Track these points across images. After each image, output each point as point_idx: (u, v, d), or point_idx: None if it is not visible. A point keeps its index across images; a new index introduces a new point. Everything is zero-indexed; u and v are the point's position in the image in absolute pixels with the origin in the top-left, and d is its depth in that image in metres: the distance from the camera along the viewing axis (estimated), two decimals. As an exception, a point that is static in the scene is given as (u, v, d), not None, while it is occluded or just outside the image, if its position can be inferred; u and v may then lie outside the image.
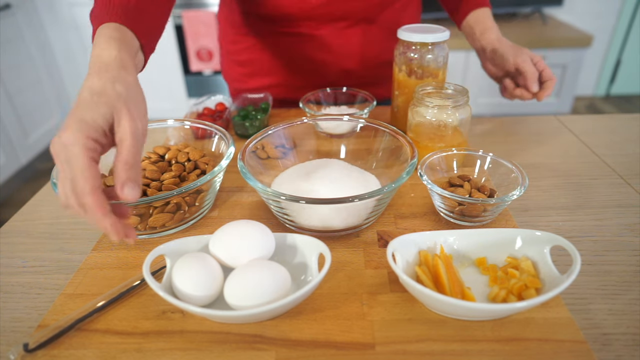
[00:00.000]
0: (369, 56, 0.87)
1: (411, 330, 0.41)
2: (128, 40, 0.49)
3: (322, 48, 0.85)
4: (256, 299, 0.40)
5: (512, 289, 0.43)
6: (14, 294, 0.48)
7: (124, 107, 0.41)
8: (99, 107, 0.40)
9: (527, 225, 0.56)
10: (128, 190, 0.39)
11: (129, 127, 0.40)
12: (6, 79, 2.21)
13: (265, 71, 0.92)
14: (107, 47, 0.46)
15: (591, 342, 0.40)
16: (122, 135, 0.40)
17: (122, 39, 0.48)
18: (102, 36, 0.47)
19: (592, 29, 2.62)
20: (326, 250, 0.44)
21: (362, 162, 0.64)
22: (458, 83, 0.65)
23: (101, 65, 0.44)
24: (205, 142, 0.65)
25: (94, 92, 0.41)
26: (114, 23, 0.49)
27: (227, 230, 0.46)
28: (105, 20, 0.49)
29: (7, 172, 2.24)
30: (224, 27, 0.94)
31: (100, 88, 0.41)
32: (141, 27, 0.51)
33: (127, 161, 0.39)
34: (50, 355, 0.40)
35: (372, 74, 0.91)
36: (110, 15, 0.49)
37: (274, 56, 0.89)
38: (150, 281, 0.40)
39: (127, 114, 0.40)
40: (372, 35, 0.85)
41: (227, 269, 0.45)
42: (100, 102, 0.40)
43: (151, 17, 0.54)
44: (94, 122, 0.39)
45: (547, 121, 0.85)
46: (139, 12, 0.52)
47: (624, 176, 0.66)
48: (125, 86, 0.42)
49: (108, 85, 0.41)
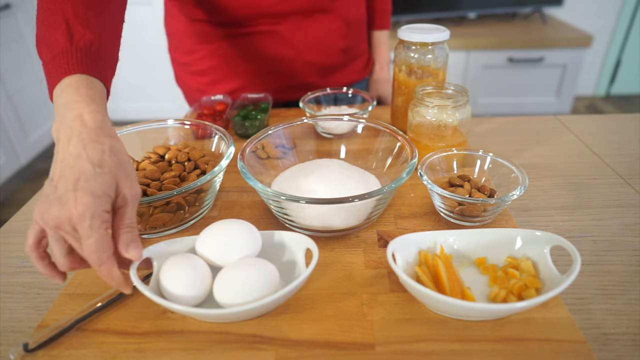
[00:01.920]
0: (329, 45, 0.88)
1: (411, 330, 0.41)
2: (100, 93, 0.46)
3: (282, 43, 0.84)
4: (245, 297, 0.40)
5: (512, 289, 0.43)
6: (14, 294, 0.48)
7: (123, 174, 0.41)
8: (105, 178, 0.39)
9: (527, 225, 0.56)
10: (133, 251, 0.40)
11: (130, 194, 0.41)
12: (6, 79, 2.21)
13: (228, 76, 0.89)
14: (88, 109, 0.42)
15: (591, 342, 0.40)
16: (124, 200, 0.41)
17: (98, 96, 0.45)
18: (80, 94, 0.43)
19: (592, 29, 2.62)
20: (313, 246, 0.44)
21: (362, 162, 0.64)
22: (458, 83, 0.65)
23: (89, 132, 0.41)
24: (205, 142, 0.65)
25: (94, 164, 0.39)
26: (84, 76, 0.45)
27: (213, 230, 0.46)
28: (72, 70, 0.45)
29: (7, 172, 2.24)
30: (173, 39, 0.92)
31: (100, 160, 0.40)
32: (106, 72, 0.49)
33: (130, 224, 0.41)
34: (50, 355, 0.40)
35: (335, 62, 0.91)
36: (78, 64, 0.46)
37: (235, 59, 0.87)
38: (138, 284, 0.40)
39: (127, 181, 0.41)
40: (330, 24, 0.86)
41: (215, 269, 0.45)
42: (104, 173, 0.40)
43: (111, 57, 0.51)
44: (107, 195, 0.39)
45: (547, 121, 0.85)
46: (101, 55, 0.48)
47: (624, 176, 0.66)
48: (118, 155, 0.42)
49: (105, 156, 0.40)
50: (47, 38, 0.47)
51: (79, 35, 0.47)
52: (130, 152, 0.62)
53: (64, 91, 0.44)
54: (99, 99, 0.45)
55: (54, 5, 0.48)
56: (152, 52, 2.67)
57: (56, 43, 0.46)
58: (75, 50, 0.46)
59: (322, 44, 0.87)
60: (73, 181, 0.38)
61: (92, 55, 0.47)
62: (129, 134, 0.63)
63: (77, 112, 0.42)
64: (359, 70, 0.98)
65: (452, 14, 2.48)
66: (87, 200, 0.37)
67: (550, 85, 2.44)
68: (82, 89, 0.44)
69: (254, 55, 0.86)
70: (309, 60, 0.88)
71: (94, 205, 0.38)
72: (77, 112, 0.42)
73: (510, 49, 2.34)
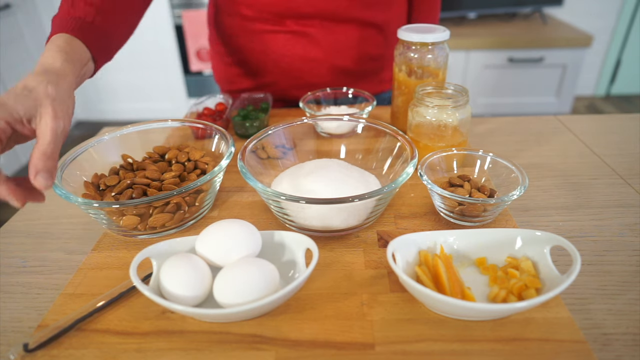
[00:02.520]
0: (358, 50, 0.88)
1: (411, 330, 0.41)
2: (77, 52, 0.52)
3: (312, 44, 0.85)
4: (245, 297, 0.40)
5: (512, 289, 0.43)
6: (14, 294, 0.48)
7: (49, 105, 0.44)
8: (25, 100, 0.44)
9: (527, 225, 0.56)
10: (41, 179, 0.42)
11: (50, 124, 0.44)
12: (6, 79, 2.21)
13: (257, 71, 0.92)
14: (52, 57, 0.49)
15: (591, 342, 0.40)
16: (44, 130, 0.44)
17: (70, 51, 0.51)
18: (52, 47, 0.51)
19: (592, 29, 2.62)
20: (313, 246, 0.44)
21: (362, 162, 0.64)
22: (458, 83, 0.65)
23: (42, 70, 0.47)
24: (205, 142, 0.65)
25: (26, 87, 0.45)
26: (67, 35, 0.53)
27: (213, 230, 0.46)
28: (60, 30, 0.53)
29: (7, 172, 2.22)
30: (213, 30, 0.95)
31: (33, 86, 0.45)
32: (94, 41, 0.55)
33: (45, 152, 0.43)
34: (50, 355, 0.40)
35: (363, 68, 0.91)
36: (65, 26, 0.53)
37: (263, 55, 0.89)
38: (137, 283, 0.40)
39: (51, 112, 0.44)
40: (361, 31, 0.86)
41: (215, 269, 0.45)
42: (29, 96, 0.44)
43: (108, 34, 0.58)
44: (13, 109, 0.44)
45: (547, 121, 0.85)
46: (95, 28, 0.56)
47: (624, 176, 0.66)
48: (56, 89, 0.46)
49: (41, 85, 0.45)
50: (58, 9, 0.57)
51: (78, 7, 0.55)
52: (130, 152, 0.62)
53: (47, 46, 0.51)
54: (71, 52, 0.51)
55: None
56: (152, 52, 2.68)
57: (59, 13, 0.56)
58: (69, 18, 0.54)
59: (351, 49, 0.87)
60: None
61: (84, 24, 0.54)
62: (129, 134, 0.63)
63: (43, 59, 0.49)
64: (388, 80, 0.98)
65: (452, 14, 2.48)
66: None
67: (550, 85, 2.44)
68: (58, 41, 0.51)
69: (282, 53, 0.87)
70: (337, 64, 0.88)
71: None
72: (43, 59, 0.49)
73: (510, 49, 2.34)
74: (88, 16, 0.55)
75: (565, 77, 2.39)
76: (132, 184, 0.54)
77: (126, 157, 0.61)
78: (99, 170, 0.59)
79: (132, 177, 0.56)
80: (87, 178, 0.57)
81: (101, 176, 0.58)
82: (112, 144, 0.62)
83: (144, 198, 0.49)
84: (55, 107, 0.45)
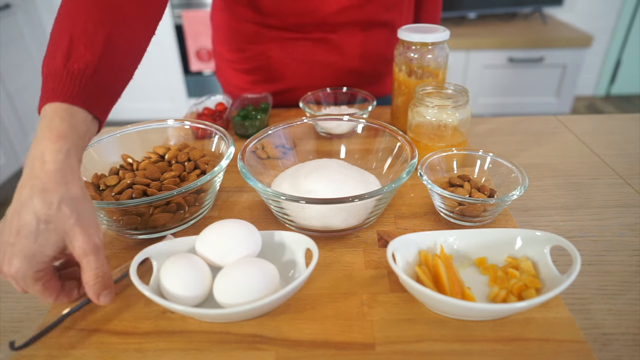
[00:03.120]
0: (377, 54, 0.88)
1: (411, 330, 0.41)
2: (77, 126, 0.42)
3: (333, 51, 0.85)
4: (246, 297, 0.40)
5: (512, 289, 0.43)
6: (14, 294, 0.48)
7: (75, 227, 0.39)
8: (48, 236, 0.38)
9: (527, 225, 0.56)
10: (104, 299, 0.41)
11: (87, 246, 0.39)
12: (6, 79, 2.21)
13: (273, 78, 0.90)
14: (52, 148, 0.40)
15: (591, 342, 0.40)
16: (83, 253, 0.39)
17: (71, 130, 0.42)
18: (49, 129, 0.41)
19: (592, 29, 2.62)
20: (313, 246, 0.44)
21: (362, 162, 0.64)
22: (458, 83, 0.65)
23: (44, 176, 0.39)
24: (205, 142, 0.65)
25: (40, 219, 0.38)
26: (63, 104, 0.42)
27: (213, 230, 0.46)
28: (54, 96, 0.42)
29: (7, 172, 2.24)
30: (221, 33, 0.91)
31: (46, 215, 0.38)
32: (99, 100, 0.45)
33: (98, 274, 0.40)
34: (51, 356, 0.40)
35: (379, 70, 0.91)
36: (63, 90, 0.43)
37: (282, 62, 0.88)
38: (138, 283, 0.40)
39: (80, 234, 0.39)
40: (381, 35, 0.86)
41: (215, 269, 0.45)
42: (49, 229, 0.38)
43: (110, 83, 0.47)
44: (43, 255, 0.38)
45: (547, 121, 0.85)
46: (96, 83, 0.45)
47: (624, 176, 0.66)
48: (71, 205, 0.39)
49: (53, 209, 0.38)
50: (50, 53, 0.45)
51: (77, 56, 0.44)
52: (130, 152, 0.62)
53: (40, 122, 0.42)
54: (72, 133, 0.42)
55: (68, 16, 0.47)
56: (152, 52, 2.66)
57: (53, 62, 0.44)
58: (67, 73, 0.43)
59: (370, 52, 0.87)
60: (15, 232, 0.38)
61: (85, 80, 0.44)
62: (129, 134, 0.63)
63: (40, 150, 0.40)
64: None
65: (452, 14, 2.48)
66: (17, 262, 0.37)
67: (550, 85, 2.44)
68: (55, 121, 0.41)
69: (302, 60, 0.86)
70: (354, 68, 0.88)
71: (24, 268, 0.38)
72: (40, 150, 0.40)
73: (510, 49, 2.34)
74: (88, 68, 0.44)
75: (565, 77, 2.39)
76: (132, 184, 0.54)
77: (126, 157, 0.61)
78: (99, 170, 0.59)
79: (132, 177, 0.56)
80: (87, 178, 0.57)
81: (101, 176, 0.58)
82: (112, 144, 0.62)
83: (144, 198, 0.49)
84: (82, 227, 0.39)
